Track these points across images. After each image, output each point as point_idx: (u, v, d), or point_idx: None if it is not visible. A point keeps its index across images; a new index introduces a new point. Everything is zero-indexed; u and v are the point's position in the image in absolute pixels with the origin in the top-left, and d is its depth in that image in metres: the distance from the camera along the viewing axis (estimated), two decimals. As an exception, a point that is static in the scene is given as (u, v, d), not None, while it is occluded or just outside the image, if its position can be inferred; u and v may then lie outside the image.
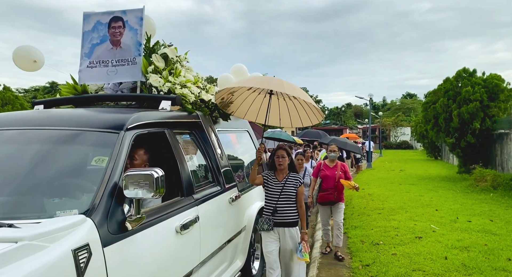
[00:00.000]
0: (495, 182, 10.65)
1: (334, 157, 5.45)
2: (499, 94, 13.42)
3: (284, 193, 3.66)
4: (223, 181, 3.56)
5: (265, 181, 3.81)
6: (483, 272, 4.46)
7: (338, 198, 5.27)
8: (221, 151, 3.77)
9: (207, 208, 3.09)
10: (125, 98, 3.52)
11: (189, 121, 3.40)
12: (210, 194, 3.25)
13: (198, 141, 3.50)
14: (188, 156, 3.19)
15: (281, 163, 3.69)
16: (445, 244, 5.54)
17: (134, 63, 3.45)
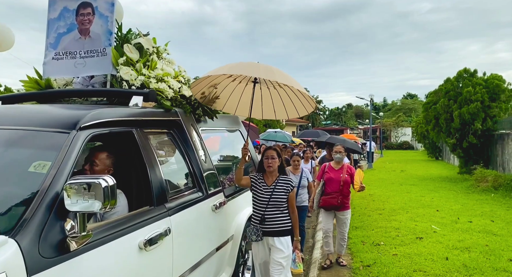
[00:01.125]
0: (496, 182, 10.47)
1: (339, 158, 4.90)
2: (500, 94, 13.29)
3: (274, 199, 3.30)
4: (205, 187, 3.17)
5: (252, 184, 3.43)
6: (484, 273, 4.41)
7: (342, 203, 4.74)
8: (205, 153, 3.38)
9: (183, 218, 2.71)
10: (90, 93, 3.07)
11: (165, 119, 3.00)
12: (187, 201, 2.85)
13: (177, 142, 3.11)
14: (162, 158, 2.81)
15: (271, 164, 3.33)
16: (446, 245, 5.48)
17: (104, 54, 3.05)
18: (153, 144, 2.74)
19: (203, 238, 3.09)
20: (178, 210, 2.67)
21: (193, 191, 3.06)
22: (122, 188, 2.49)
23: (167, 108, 3.05)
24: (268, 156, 3.38)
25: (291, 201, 3.39)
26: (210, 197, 3.22)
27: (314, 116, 60.83)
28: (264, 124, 22.27)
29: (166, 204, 2.57)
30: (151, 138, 2.75)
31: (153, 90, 2.89)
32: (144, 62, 3.17)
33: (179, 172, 3.08)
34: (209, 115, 3.76)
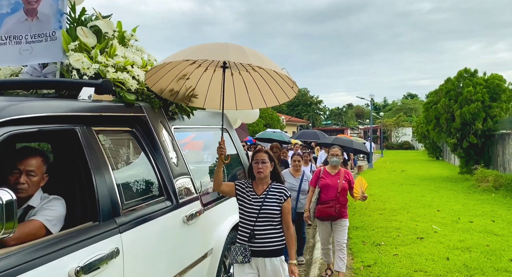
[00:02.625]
0: (497, 182, 10.35)
1: (336, 162, 4.32)
2: (501, 94, 13.17)
3: (265, 211, 2.73)
4: (175, 195, 2.71)
5: (238, 192, 2.85)
6: (485, 273, 4.36)
7: (340, 212, 4.19)
8: (177, 155, 2.90)
9: (141, 234, 2.26)
10: (28, 84, 2.52)
11: (124, 115, 2.53)
12: (149, 214, 2.39)
13: (140, 142, 2.64)
14: (117, 162, 2.36)
15: (261, 170, 2.77)
16: (447, 245, 5.43)
17: (54, 38, 2.59)
18: (106, 145, 2.29)
19: (170, 256, 2.58)
20: (134, 225, 2.21)
21: (158, 200, 2.59)
22: (66, 201, 2.05)
23: (128, 102, 2.58)
24: (258, 160, 2.81)
25: (286, 214, 2.80)
26: (182, 207, 2.74)
27: (314, 116, 60.84)
28: (265, 124, 22.28)
29: (118, 218, 2.11)
30: (103, 138, 2.31)
31: (108, 80, 2.41)
32: (103, 48, 2.71)
33: (140, 178, 2.56)
34: (185, 112, 3.25)
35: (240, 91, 3.09)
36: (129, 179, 2.46)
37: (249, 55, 2.43)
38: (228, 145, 3.98)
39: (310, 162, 7.30)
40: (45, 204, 1.97)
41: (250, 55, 2.44)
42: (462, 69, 14.19)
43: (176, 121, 3.14)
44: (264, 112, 24.07)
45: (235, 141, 4.16)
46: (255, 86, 3.01)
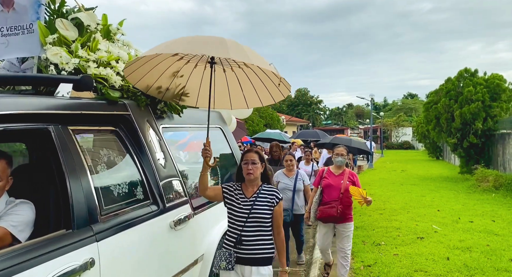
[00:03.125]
0: (497, 182, 10.27)
1: (341, 162, 4.14)
2: (501, 94, 13.09)
3: (254, 215, 2.54)
4: (162, 198, 2.53)
5: (226, 196, 2.66)
6: (485, 273, 4.34)
7: (343, 214, 3.97)
8: (165, 156, 2.74)
9: (121, 242, 2.08)
10: (2, 80, 2.33)
11: (106, 114, 2.35)
12: (131, 219, 2.20)
13: (124, 143, 2.47)
14: (97, 164, 2.19)
15: (251, 171, 2.57)
16: (447, 245, 5.41)
17: (31, 31, 2.43)
18: (84, 145, 2.13)
19: (156, 264, 2.40)
20: (114, 232, 2.03)
21: (143, 204, 2.41)
22: (38, 206, 1.88)
23: (111, 99, 2.40)
24: (247, 160, 2.61)
25: (277, 219, 2.62)
26: (169, 211, 2.57)
27: (314, 116, 60.85)
28: (265, 124, 22.27)
29: (95, 225, 1.93)
30: (81, 138, 2.15)
31: (87, 76, 2.24)
32: (84, 42, 2.54)
33: (123, 181, 2.36)
34: (174, 110, 3.06)
35: (234, 89, 2.87)
36: (110, 182, 2.26)
37: (230, 50, 2.19)
38: (222, 143, 3.88)
39: (311, 161, 7.24)
40: (10, 208, 1.81)
41: (232, 49, 2.20)
42: (462, 69, 14.14)
43: (165, 120, 2.96)
44: (264, 112, 24.05)
45: (229, 139, 3.95)
46: (249, 84, 2.78)
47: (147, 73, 2.59)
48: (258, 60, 2.29)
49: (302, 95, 63.01)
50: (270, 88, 2.76)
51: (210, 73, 2.60)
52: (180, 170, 2.94)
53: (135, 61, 2.41)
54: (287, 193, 4.74)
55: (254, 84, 2.77)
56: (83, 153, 2.08)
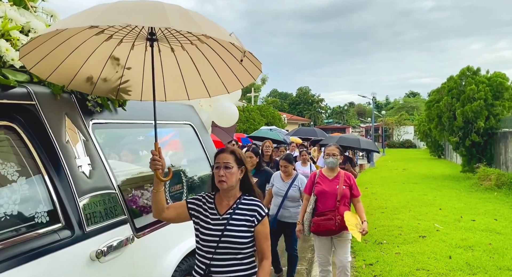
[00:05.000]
0: (499, 181, 10.26)
1: (333, 163, 3.60)
2: (503, 92, 13.08)
3: (226, 240, 1.92)
4: (80, 220, 1.90)
5: (193, 213, 2.03)
6: (487, 272, 4.35)
7: (342, 226, 3.42)
8: (93, 162, 2.11)
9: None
10: None
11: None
12: (20, 254, 1.60)
13: (25, 144, 1.85)
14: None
15: (223, 178, 1.95)
16: (449, 243, 5.41)
17: None
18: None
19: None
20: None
21: (47, 231, 1.76)
22: None
23: (4, 84, 1.79)
24: (219, 164, 1.98)
25: (261, 241, 1.97)
26: (92, 237, 1.94)
27: (316, 115, 60.79)
28: (266, 123, 22.25)
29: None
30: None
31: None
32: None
33: (14, 198, 1.71)
34: (114, 102, 2.42)
35: (189, 73, 2.24)
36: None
37: (170, 16, 1.58)
38: (194, 144, 3.21)
39: (308, 161, 6.85)
40: None
41: (173, 16, 1.60)
42: (464, 67, 14.11)
43: (98, 114, 2.31)
44: (265, 111, 24.03)
45: (203, 139, 3.30)
46: (208, 65, 2.16)
47: (63, 60, 1.93)
48: (212, 29, 1.68)
49: (303, 94, 62.94)
50: (235, 69, 2.13)
51: (152, 54, 1.97)
52: (123, 179, 2.33)
53: (31, 42, 1.72)
54: (278, 198, 4.27)
55: (215, 65, 2.15)
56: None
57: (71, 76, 2.05)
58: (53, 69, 1.95)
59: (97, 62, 2.08)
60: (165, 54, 2.14)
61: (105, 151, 2.30)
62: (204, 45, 2.02)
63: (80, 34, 1.85)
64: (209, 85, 2.29)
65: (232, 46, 1.94)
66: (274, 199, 4.34)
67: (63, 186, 1.91)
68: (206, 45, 2.02)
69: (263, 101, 52.73)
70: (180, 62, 2.19)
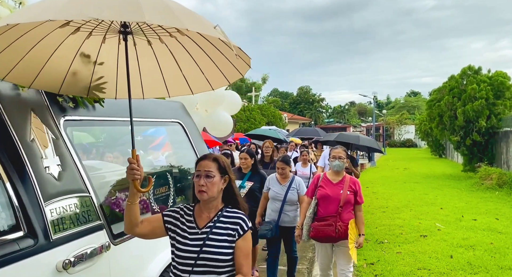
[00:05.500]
0: (500, 180, 10.29)
1: (339, 167, 3.40)
2: (505, 91, 13.07)
3: (205, 257, 1.73)
4: (46, 227, 1.71)
5: (169, 228, 1.83)
6: (489, 271, 4.34)
7: (342, 233, 3.26)
8: (64, 163, 1.93)
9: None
10: None
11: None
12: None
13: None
14: None
15: (204, 188, 1.76)
16: (451, 243, 5.41)
17: None
18: None
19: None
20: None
21: (8, 239, 1.60)
22: None
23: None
24: (200, 173, 1.79)
25: (240, 257, 1.76)
26: (60, 245, 1.76)
27: (316, 114, 60.79)
28: (267, 122, 22.25)
29: None
30: None
31: None
32: None
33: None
34: (89, 100, 2.24)
35: (169, 68, 2.05)
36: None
37: (145, 8, 1.39)
38: (183, 145, 3.01)
39: (309, 162, 6.67)
40: None
41: (148, 8, 1.41)
42: (466, 66, 14.13)
43: (72, 110, 2.12)
44: (266, 111, 24.03)
45: (193, 139, 3.08)
46: (190, 60, 1.98)
47: (23, 56, 1.76)
48: (195, 22, 1.54)
49: (304, 93, 62.94)
50: (220, 64, 1.96)
51: (126, 48, 1.79)
52: (101, 181, 2.14)
53: None
54: (276, 203, 4.02)
55: (197, 59, 1.97)
56: None
57: (33, 74, 1.84)
58: (11, 68, 1.74)
59: (63, 58, 1.87)
60: (141, 47, 1.94)
61: (80, 150, 2.12)
62: (185, 37, 1.83)
63: (41, 27, 1.62)
64: (191, 81, 2.10)
65: (216, 38, 1.73)
66: (271, 204, 4.05)
67: (26, 189, 1.72)
68: (187, 37, 1.83)
69: (264, 101, 52.69)
70: (159, 57, 2.01)
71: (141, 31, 1.82)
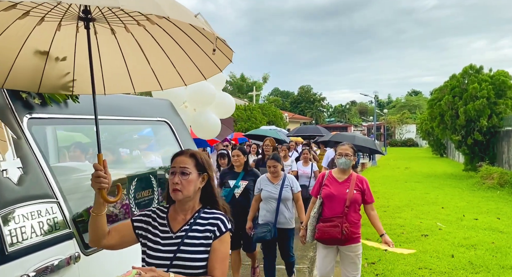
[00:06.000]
0: (502, 179, 10.27)
1: (345, 164, 3.20)
2: (506, 91, 13.04)
3: (181, 260, 1.57)
4: (1, 237, 1.51)
5: (140, 233, 1.65)
6: (490, 270, 4.34)
7: (349, 234, 3.10)
8: (26, 165, 1.73)
9: None
10: None
11: None
12: None
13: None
14: None
15: (178, 186, 1.59)
16: (452, 242, 5.42)
17: None
18: None
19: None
20: None
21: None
22: None
23: None
24: (174, 169, 1.62)
25: (212, 261, 1.58)
26: (20, 257, 1.56)
27: (317, 114, 60.77)
28: (268, 121, 22.25)
29: None
30: None
31: None
32: None
33: None
34: (58, 96, 2.01)
35: (135, 61, 1.83)
36: None
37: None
38: (170, 145, 2.81)
39: (310, 160, 6.58)
40: None
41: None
42: (467, 65, 14.09)
43: (39, 108, 1.92)
44: (267, 110, 24.01)
45: (181, 138, 2.89)
46: (160, 52, 1.77)
47: None
48: (176, 10, 1.35)
49: (305, 93, 62.94)
50: (196, 57, 1.74)
51: (88, 37, 1.57)
52: (72, 185, 1.98)
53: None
54: (271, 203, 3.87)
55: (168, 51, 1.75)
56: None
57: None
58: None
59: (8, 47, 1.62)
60: (103, 37, 1.70)
61: (47, 152, 1.89)
62: (155, 26, 1.62)
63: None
64: (161, 76, 1.89)
65: (193, 28, 1.55)
66: (265, 205, 3.90)
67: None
68: (157, 26, 1.62)
69: (265, 100, 52.72)
70: (123, 48, 1.77)
71: (104, 18, 1.59)
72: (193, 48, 1.71)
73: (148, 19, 1.57)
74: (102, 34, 1.70)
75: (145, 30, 1.67)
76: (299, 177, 6.39)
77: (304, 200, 4.28)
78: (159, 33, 1.68)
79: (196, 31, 1.59)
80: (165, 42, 1.72)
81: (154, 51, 1.77)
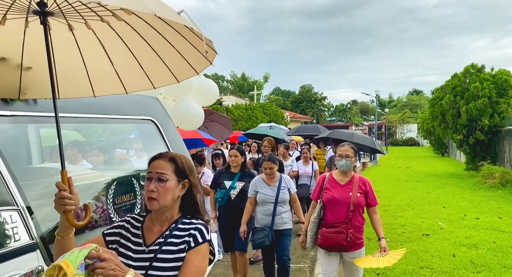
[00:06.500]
0: (503, 179, 10.26)
1: (346, 166, 3.04)
2: (508, 90, 12.95)
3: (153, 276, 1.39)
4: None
5: (115, 247, 1.46)
6: (491, 270, 4.33)
7: (354, 241, 2.96)
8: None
9: None
10: None
11: None
12: None
13: None
14: None
15: (154, 194, 1.41)
16: (453, 242, 5.41)
17: None
18: None
19: None
20: None
21: None
22: None
23: None
24: (151, 175, 1.44)
25: (184, 273, 1.38)
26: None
27: (318, 113, 60.74)
28: (269, 121, 22.24)
29: None
30: None
31: None
32: None
33: None
34: None
35: (96, 61, 1.65)
36: None
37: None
38: (155, 144, 2.62)
39: (310, 160, 6.50)
40: None
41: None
42: (469, 64, 14.03)
43: (3, 104, 1.76)
44: (268, 109, 24.02)
45: (169, 139, 2.71)
46: (126, 51, 1.61)
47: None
48: (158, 6, 1.22)
49: (306, 92, 62.91)
50: (168, 58, 1.60)
51: (46, 34, 1.39)
52: (38, 190, 1.78)
53: None
54: (267, 206, 3.73)
55: (135, 51, 1.59)
56: None
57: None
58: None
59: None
60: (58, 33, 1.49)
61: (8, 154, 1.70)
62: (122, 23, 1.43)
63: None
64: (125, 78, 1.68)
65: (166, 25, 1.38)
66: (261, 208, 3.76)
67: None
68: (124, 23, 1.43)
69: (266, 99, 52.72)
70: (82, 46, 1.57)
71: (61, 12, 1.38)
72: (163, 47, 1.57)
73: (114, 14, 1.41)
74: (57, 30, 1.49)
75: (109, 27, 1.50)
76: (299, 176, 6.38)
77: (306, 199, 4.22)
78: (124, 31, 1.52)
79: (169, 28, 1.45)
80: (131, 40, 1.56)
81: (118, 50, 1.60)
